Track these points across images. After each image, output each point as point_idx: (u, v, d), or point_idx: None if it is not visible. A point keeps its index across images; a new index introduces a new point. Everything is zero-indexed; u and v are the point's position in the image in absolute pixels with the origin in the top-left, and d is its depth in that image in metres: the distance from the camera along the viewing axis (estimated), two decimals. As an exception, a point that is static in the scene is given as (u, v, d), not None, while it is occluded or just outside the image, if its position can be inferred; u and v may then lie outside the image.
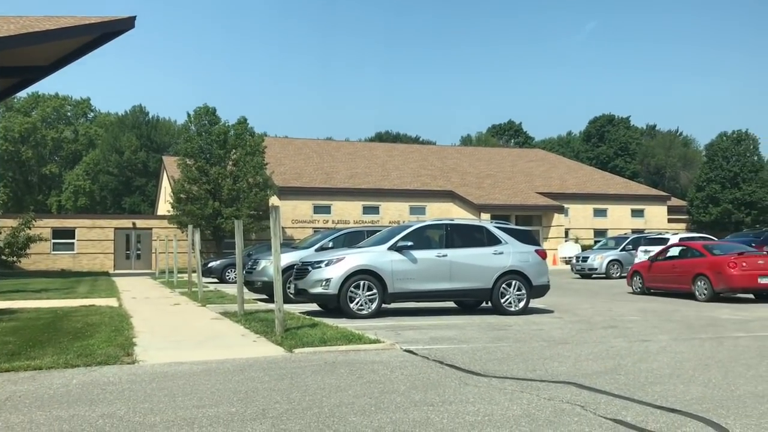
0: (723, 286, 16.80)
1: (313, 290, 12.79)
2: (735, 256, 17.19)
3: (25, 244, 34.44)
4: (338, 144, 58.75)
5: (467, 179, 49.56)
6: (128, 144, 66.10)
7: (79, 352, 8.08)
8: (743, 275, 16.59)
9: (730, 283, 16.67)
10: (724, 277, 16.74)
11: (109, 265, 41.22)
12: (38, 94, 74.49)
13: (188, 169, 38.15)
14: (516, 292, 13.44)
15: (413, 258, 12.92)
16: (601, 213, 50.10)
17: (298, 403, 5.68)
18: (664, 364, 7.70)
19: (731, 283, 16.66)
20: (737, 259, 16.93)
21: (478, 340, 9.64)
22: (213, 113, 39.58)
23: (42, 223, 38.66)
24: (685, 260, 18.61)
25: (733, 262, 16.84)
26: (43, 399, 5.90)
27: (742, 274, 16.60)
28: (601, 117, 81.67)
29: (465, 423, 5.06)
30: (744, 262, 16.83)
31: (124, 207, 66.59)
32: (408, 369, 7.30)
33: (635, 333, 10.52)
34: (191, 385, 6.47)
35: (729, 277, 16.65)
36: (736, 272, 16.63)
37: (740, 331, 10.76)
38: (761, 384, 6.55)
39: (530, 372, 7.14)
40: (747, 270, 16.64)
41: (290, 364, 7.57)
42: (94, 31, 25.71)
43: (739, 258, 17.03)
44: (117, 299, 16.78)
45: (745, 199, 51.53)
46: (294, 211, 42.69)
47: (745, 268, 16.68)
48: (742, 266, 16.71)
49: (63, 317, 12.20)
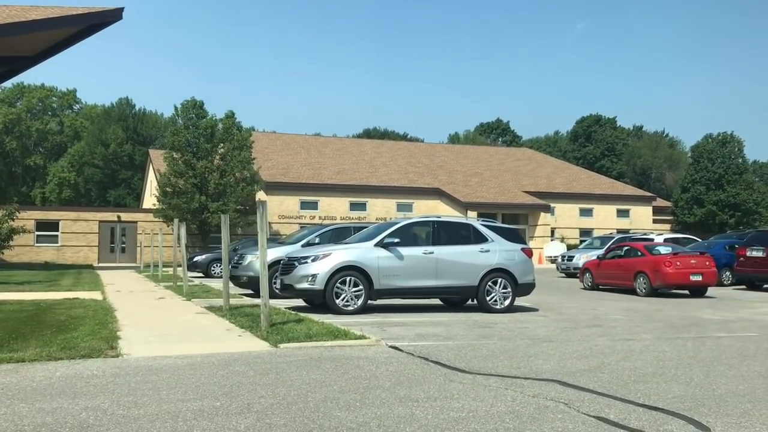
0: (660, 282, 18.38)
1: (299, 286, 12.78)
2: (670, 256, 18.74)
3: (8, 235, 34.07)
4: (326, 140, 58.65)
5: (454, 177, 49.65)
6: (114, 136, 65.61)
7: (63, 345, 8.03)
8: (677, 273, 18.28)
9: (666, 280, 18.29)
10: (661, 274, 18.33)
11: (93, 258, 40.93)
12: (23, 85, 73.73)
13: (175, 163, 37.93)
14: (501, 290, 13.49)
15: (400, 255, 12.94)
16: (587, 213, 50.37)
17: (283, 398, 5.68)
18: (647, 362, 7.77)
19: (666, 280, 18.29)
20: (672, 259, 18.54)
21: (464, 337, 9.67)
22: (200, 107, 39.37)
23: (26, 214, 38.27)
24: (628, 259, 20.09)
25: (669, 261, 18.47)
26: (26, 391, 5.86)
27: (676, 272, 18.28)
28: (589, 117, 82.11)
29: (449, 419, 5.09)
30: (678, 261, 18.49)
31: (109, 200, 66.12)
32: (393, 365, 7.32)
33: (619, 332, 10.60)
34: (176, 378, 6.46)
35: (665, 274, 18.27)
36: (671, 270, 18.27)
37: (722, 331, 10.88)
38: (742, 383, 6.63)
39: (515, 369, 7.18)
40: (680, 269, 18.33)
41: (275, 359, 7.57)
42: (81, 22, 25.47)
43: (674, 258, 18.63)
44: (101, 292, 16.68)
45: (730, 201, 51.98)
46: (281, 207, 42.59)
47: (679, 267, 18.34)
48: (676, 265, 18.36)
49: (46, 310, 12.12)
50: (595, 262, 21.88)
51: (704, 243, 26.38)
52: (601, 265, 21.15)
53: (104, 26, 26.42)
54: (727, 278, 23.44)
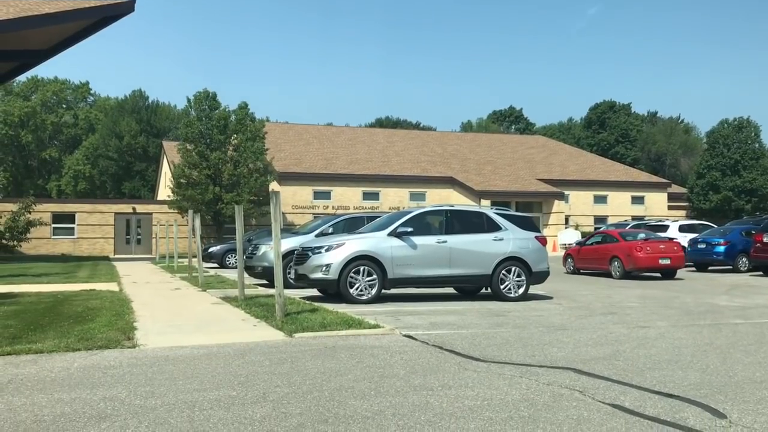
0: (632, 266, 20.14)
1: (314, 275, 12.82)
2: (641, 242, 20.50)
3: (26, 228, 34.43)
4: (338, 129, 58.62)
5: (467, 165, 49.50)
6: (128, 128, 65.93)
7: (80, 336, 8.11)
8: (647, 257, 19.98)
9: (637, 263, 20.03)
10: (633, 258, 20.10)
11: (109, 249, 41.26)
12: (38, 78, 74.25)
13: (188, 154, 38.10)
14: (515, 279, 13.46)
15: (413, 244, 12.93)
16: (601, 200, 50.09)
17: (299, 387, 5.72)
18: (662, 350, 7.73)
19: (638, 263, 20.03)
20: (643, 244, 20.32)
21: (478, 326, 9.67)
22: (213, 98, 39.46)
23: (42, 207, 38.63)
24: (604, 245, 21.89)
25: (639, 246, 20.26)
26: (44, 382, 5.93)
27: (646, 256, 19.98)
28: (602, 104, 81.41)
29: (464, 407, 5.09)
30: (648, 246, 20.23)
31: (124, 192, 66.54)
32: (407, 354, 7.33)
33: (634, 319, 10.55)
34: (192, 368, 6.51)
35: (636, 258, 20.03)
36: (641, 255, 20.02)
37: (739, 318, 10.80)
38: (759, 370, 6.59)
39: (529, 357, 7.17)
40: (650, 253, 20.02)
41: (290, 349, 7.60)
42: (93, 14, 25.55)
43: (645, 243, 20.41)
44: (117, 284, 16.81)
45: (746, 186, 51.48)
46: (294, 197, 42.69)
47: (649, 252, 20.04)
48: (646, 250, 20.08)
49: (64, 301, 12.24)
50: (576, 248, 23.68)
51: (720, 229, 26.16)
52: (581, 251, 22.95)
53: (117, 18, 26.48)
54: (743, 264, 23.25)
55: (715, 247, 23.63)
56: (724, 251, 23.43)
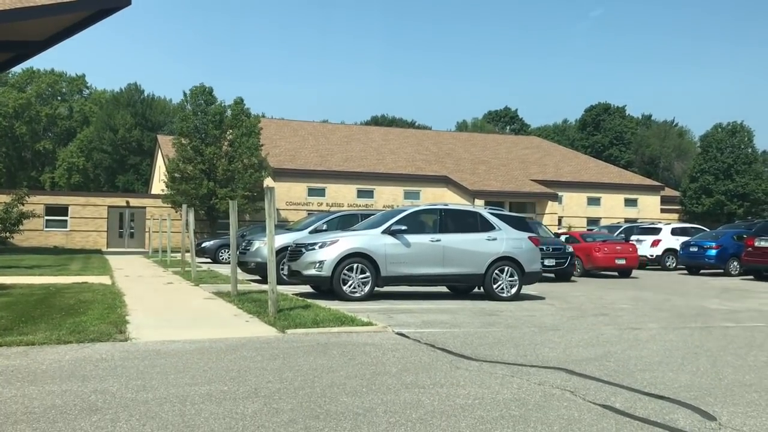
0: (591, 265, 21.83)
1: (307, 272, 12.82)
2: (599, 243, 22.29)
3: (18, 220, 34.29)
4: (334, 127, 58.57)
5: (462, 165, 49.55)
6: (123, 122, 65.75)
7: (72, 328, 8.08)
8: (604, 257, 21.76)
9: (595, 263, 21.75)
10: (591, 258, 21.79)
11: (102, 243, 41.14)
12: (33, 70, 73.90)
13: (183, 149, 38.02)
14: (508, 278, 13.49)
15: (407, 242, 12.94)
16: (594, 201, 50.24)
17: (290, 383, 5.72)
18: (653, 351, 7.76)
19: (596, 263, 21.75)
20: (601, 245, 22.08)
21: (470, 325, 9.69)
22: (209, 93, 39.40)
23: (35, 199, 38.48)
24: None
25: (598, 247, 21.99)
26: (35, 374, 5.92)
27: (603, 256, 21.74)
28: (597, 106, 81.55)
29: (455, 405, 5.11)
30: (606, 247, 21.98)
31: (118, 185, 66.35)
32: (400, 351, 7.35)
33: (626, 321, 10.59)
34: (184, 363, 6.50)
35: (594, 258, 21.76)
36: (599, 255, 21.76)
37: (729, 321, 10.85)
38: (749, 373, 6.63)
39: (521, 357, 7.19)
40: (608, 254, 21.79)
41: (283, 345, 7.61)
42: (90, 6, 25.43)
43: (602, 244, 22.19)
44: (110, 277, 16.77)
45: (738, 190, 51.67)
46: (288, 193, 42.65)
47: (607, 252, 21.79)
48: (604, 251, 21.82)
49: (56, 294, 12.20)
50: None
51: (712, 233, 26.29)
52: None
53: (113, 11, 26.34)
54: (734, 268, 23.38)
55: (707, 250, 23.78)
56: (716, 255, 23.57)
